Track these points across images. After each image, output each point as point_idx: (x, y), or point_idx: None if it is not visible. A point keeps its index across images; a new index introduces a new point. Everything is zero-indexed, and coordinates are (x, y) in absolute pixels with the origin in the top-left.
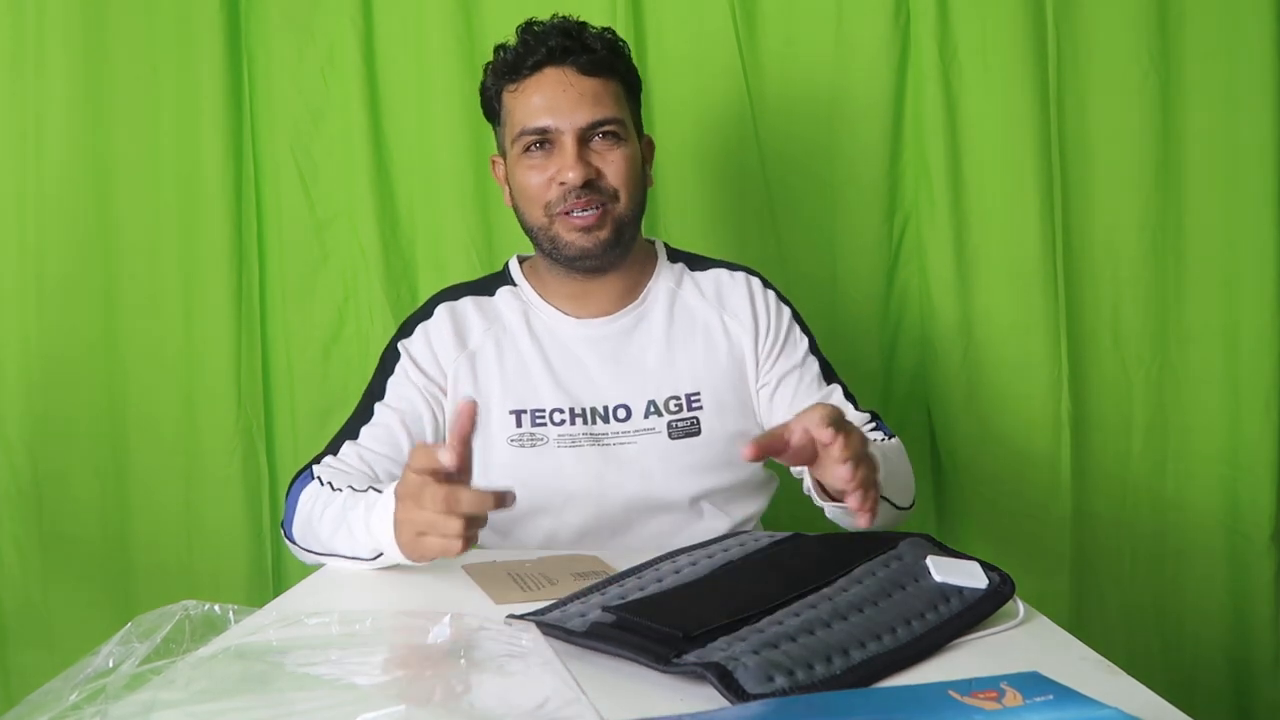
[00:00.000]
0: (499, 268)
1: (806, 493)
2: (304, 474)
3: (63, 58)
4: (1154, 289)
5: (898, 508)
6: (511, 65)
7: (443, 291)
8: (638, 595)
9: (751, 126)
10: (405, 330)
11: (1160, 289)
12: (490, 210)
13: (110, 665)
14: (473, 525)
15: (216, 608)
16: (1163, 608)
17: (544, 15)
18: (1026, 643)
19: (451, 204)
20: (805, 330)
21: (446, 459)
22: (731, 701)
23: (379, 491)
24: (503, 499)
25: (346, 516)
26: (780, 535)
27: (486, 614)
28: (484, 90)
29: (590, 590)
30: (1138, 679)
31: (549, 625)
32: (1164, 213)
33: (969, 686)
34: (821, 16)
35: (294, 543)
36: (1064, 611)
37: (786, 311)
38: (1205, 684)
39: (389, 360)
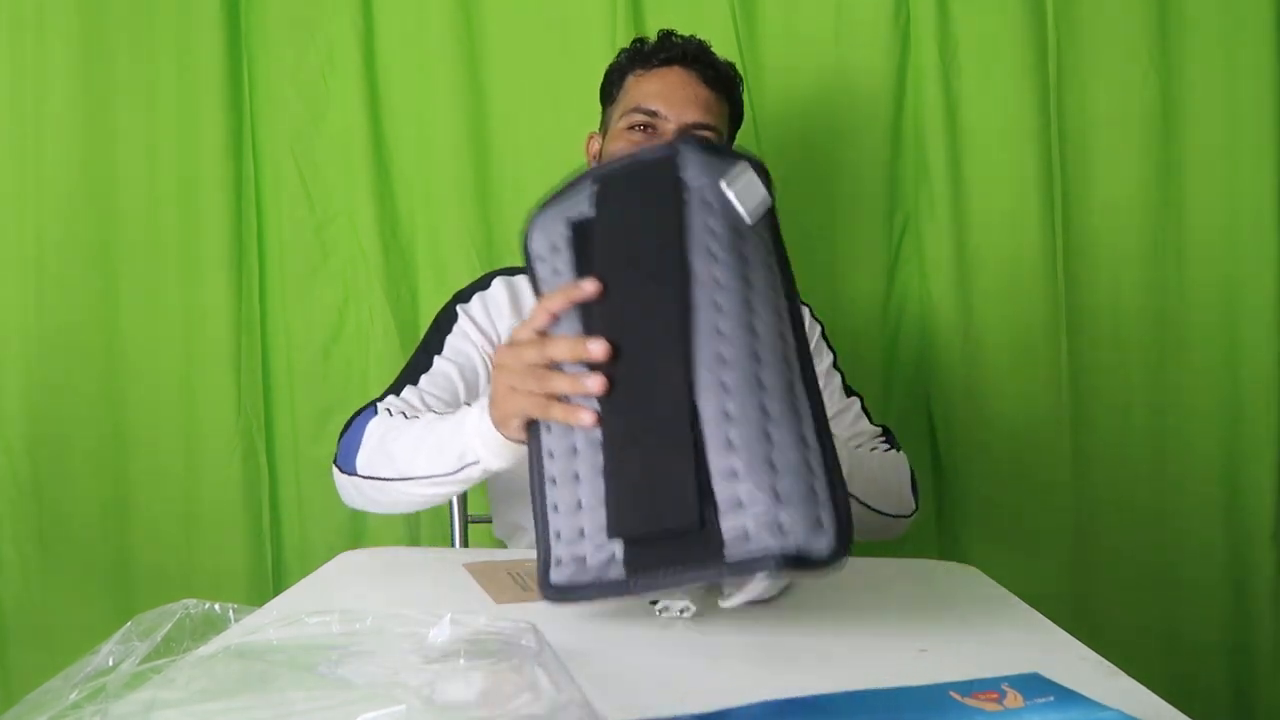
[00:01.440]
0: (498, 267)
1: None
2: (365, 412)
3: (63, 58)
4: (1154, 289)
5: (874, 510)
6: (645, 55)
7: (498, 270)
8: (615, 499)
9: (751, 127)
10: (463, 297)
11: (1160, 289)
12: (490, 210)
13: (110, 664)
14: (562, 384)
15: (216, 607)
16: (1163, 607)
17: (545, 16)
18: (1027, 643)
19: (451, 204)
20: (831, 347)
21: (589, 287)
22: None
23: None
24: (588, 349)
25: (434, 429)
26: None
27: (486, 614)
28: (610, 71)
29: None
30: (1138, 679)
31: (595, 589)
32: (1164, 212)
33: (970, 688)
34: (821, 16)
35: (354, 473)
36: (1064, 611)
37: (818, 327)
38: (1205, 684)
39: (445, 321)
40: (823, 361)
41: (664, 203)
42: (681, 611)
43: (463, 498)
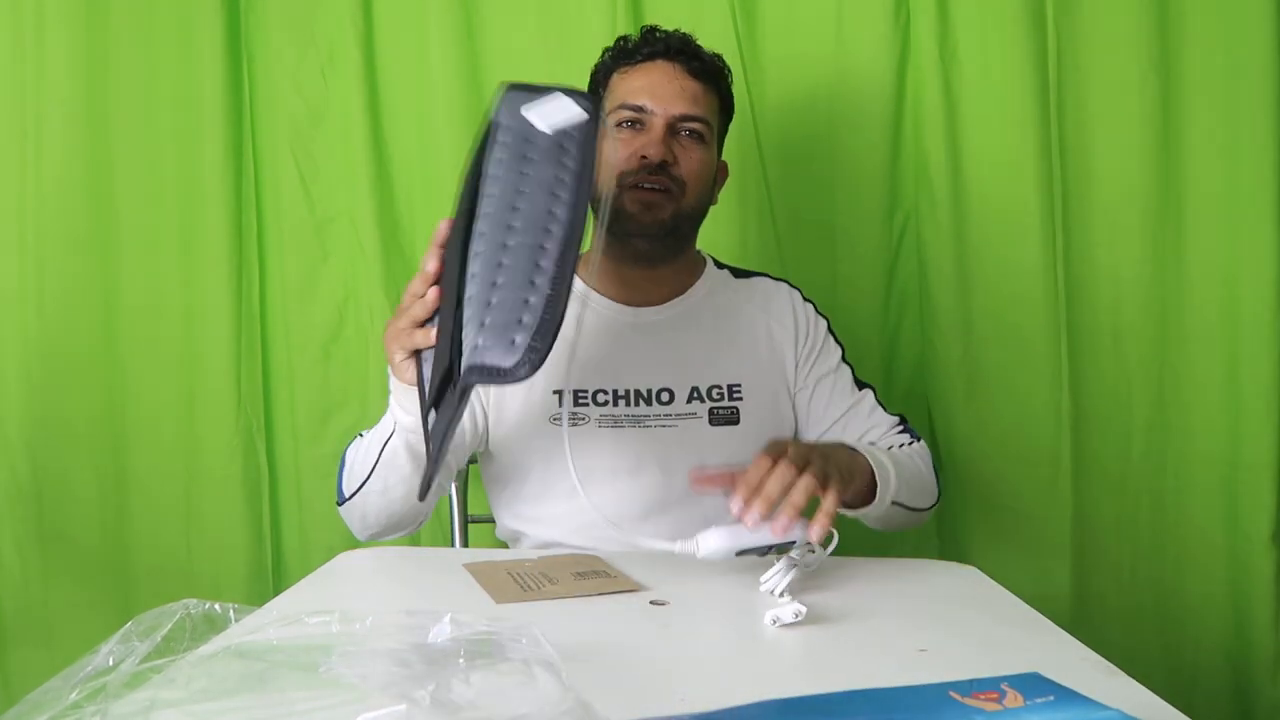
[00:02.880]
0: None
1: None
2: (350, 445)
3: (63, 58)
4: (1154, 289)
5: (912, 509)
6: (628, 52)
7: None
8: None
9: (751, 126)
10: None
11: (1160, 289)
12: None
13: (110, 664)
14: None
15: (217, 606)
16: (1163, 608)
17: (545, 16)
18: (1027, 643)
19: (451, 204)
20: (838, 341)
21: (431, 264)
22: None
23: None
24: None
25: (376, 428)
26: None
27: (486, 614)
28: (595, 72)
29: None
30: (1137, 679)
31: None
32: (1164, 212)
33: (970, 687)
34: (821, 16)
35: (345, 500)
36: (1064, 611)
37: (823, 322)
38: (1205, 684)
39: None
40: (831, 356)
41: (482, 140)
42: (796, 615)
43: (463, 498)
